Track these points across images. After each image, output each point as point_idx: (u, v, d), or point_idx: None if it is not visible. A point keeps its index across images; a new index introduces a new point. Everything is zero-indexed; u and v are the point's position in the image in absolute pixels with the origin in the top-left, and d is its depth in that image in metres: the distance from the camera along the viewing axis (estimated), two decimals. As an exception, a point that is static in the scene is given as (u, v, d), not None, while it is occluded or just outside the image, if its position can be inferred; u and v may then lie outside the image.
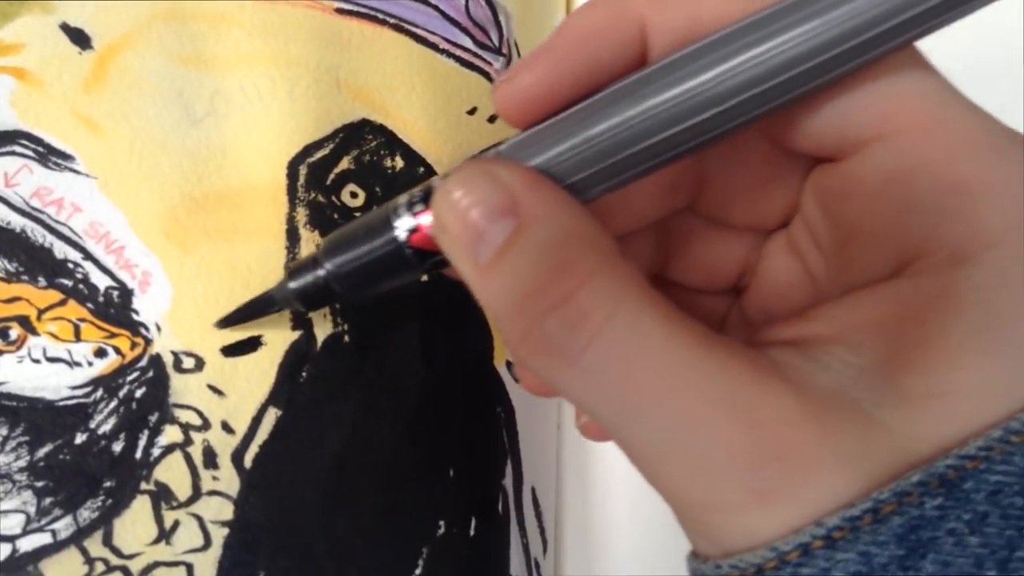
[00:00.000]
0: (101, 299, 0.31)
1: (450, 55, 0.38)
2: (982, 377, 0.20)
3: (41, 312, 0.30)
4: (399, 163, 0.36)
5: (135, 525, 0.30)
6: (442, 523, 0.34)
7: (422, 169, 0.36)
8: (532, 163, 0.23)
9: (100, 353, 0.31)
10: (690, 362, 0.20)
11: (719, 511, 0.21)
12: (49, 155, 0.31)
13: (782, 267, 0.27)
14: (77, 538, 0.29)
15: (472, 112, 0.38)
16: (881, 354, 0.20)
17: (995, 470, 0.19)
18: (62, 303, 0.30)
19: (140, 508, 0.30)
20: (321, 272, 0.27)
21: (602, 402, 0.21)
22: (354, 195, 0.35)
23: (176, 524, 0.30)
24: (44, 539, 0.29)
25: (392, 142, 0.36)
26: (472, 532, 0.35)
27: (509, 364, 0.37)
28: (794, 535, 0.19)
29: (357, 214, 0.35)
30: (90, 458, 0.30)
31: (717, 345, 0.20)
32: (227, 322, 0.32)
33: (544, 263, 0.21)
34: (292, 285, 0.28)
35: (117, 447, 0.30)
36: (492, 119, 0.38)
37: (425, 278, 0.35)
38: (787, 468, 0.20)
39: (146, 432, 0.31)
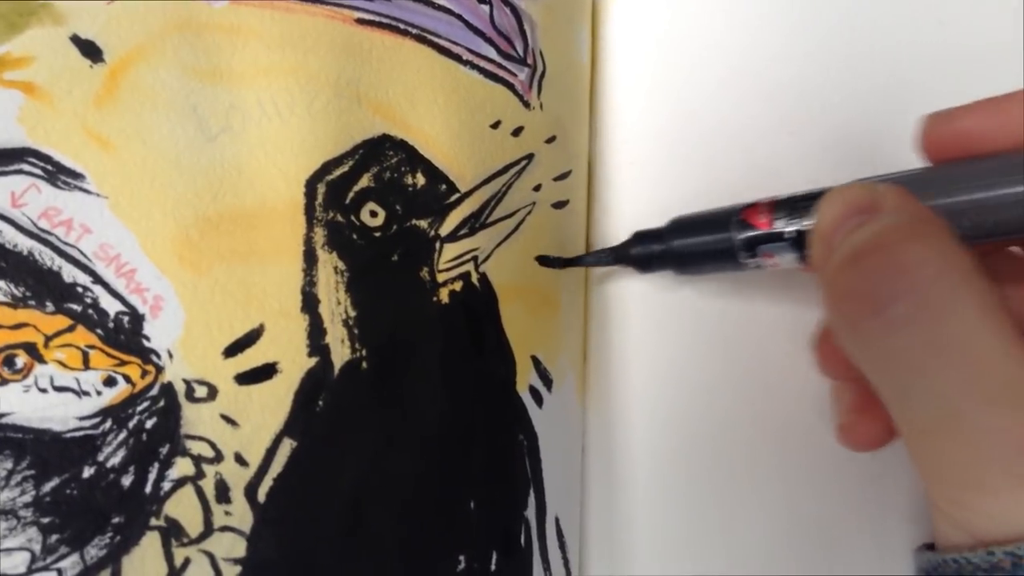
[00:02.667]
0: (111, 325, 0.29)
1: (474, 66, 0.36)
2: None
3: (49, 339, 0.29)
4: (420, 180, 0.34)
5: (144, 563, 0.29)
6: (462, 558, 0.33)
7: (444, 186, 0.35)
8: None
9: (109, 382, 0.29)
10: (995, 340, 0.22)
11: (979, 491, 0.22)
12: (58, 174, 0.30)
13: None
14: (84, 576, 0.28)
15: (496, 126, 0.36)
16: None
17: None
18: (70, 329, 0.29)
19: (149, 545, 0.29)
20: (661, 246, 0.34)
21: (897, 358, 0.23)
22: (374, 214, 0.33)
23: (187, 562, 0.29)
24: (50, 578, 0.28)
25: (413, 158, 0.34)
26: (493, 567, 0.34)
27: (533, 390, 0.36)
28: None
29: (377, 234, 0.33)
30: (98, 493, 0.29)
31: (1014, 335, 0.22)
32: (569, 263, 0.37)
33: (883, 231, 0.24)
34: (635, 251, 0.35)
35: (126, 481, 0.29)
36: (517, 132, 0.37)
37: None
38: None
39: (156, 465, 0.29)
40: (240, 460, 0.30)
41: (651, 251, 0.35)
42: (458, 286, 0.34)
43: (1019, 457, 0.21)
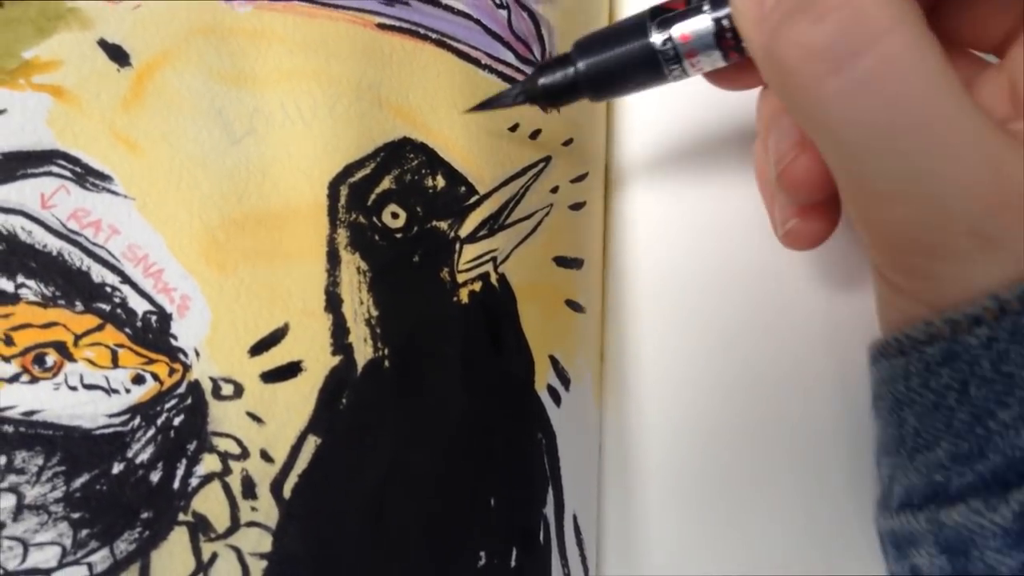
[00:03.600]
0: (139, 324, 0.30)
1: (492, 70, 0.37)
2: None
3: (78, 337, 0.29)
4: (440, 182, 0.35)
5: (172, 558, 0.29)
6: (483, 554, 0.33)
7: (463, 188, 0.35)
8: None
9: (138, 380, 0.30)
10: (956, 99, 0.20)
11: (942, 257, 0.21)
12: (87, 175, 0.30)
13: None
14: (114, 571, 0.29)
15: (514, 129, 0.37)
16: None
17: None
18: (100, 328, 0.30)
19: (178, 540, 0.29)
20: (571, 70, 0.31)
21: (858, 120, 0.21)
22: (395, 215, 0.34)
23: (214, 556, 0.30)
24: (80, 572, 0.28)
25: (433, 161, 0.35)
26: (513, 563, 0.34)
27: (551, 389, 0.36)
28: (1019, 283, 0.19)
29: (398, 235, 0.34)
30: (127, 488, 0.29)
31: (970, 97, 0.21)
32: (473, 109, 0.34)
33: None
34: (542, 80, 0.31)
35: (155, 477, 0.29)
36: (534, 135, 0.37)
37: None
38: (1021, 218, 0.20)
39: (184, 461, 0.30)
40: (266, 456, 0.31)
41: (561, 78, 0.31)
42: (477, 286, 0.35)
43: (985, 217, 0.20)
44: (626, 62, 0.30)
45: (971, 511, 0.21)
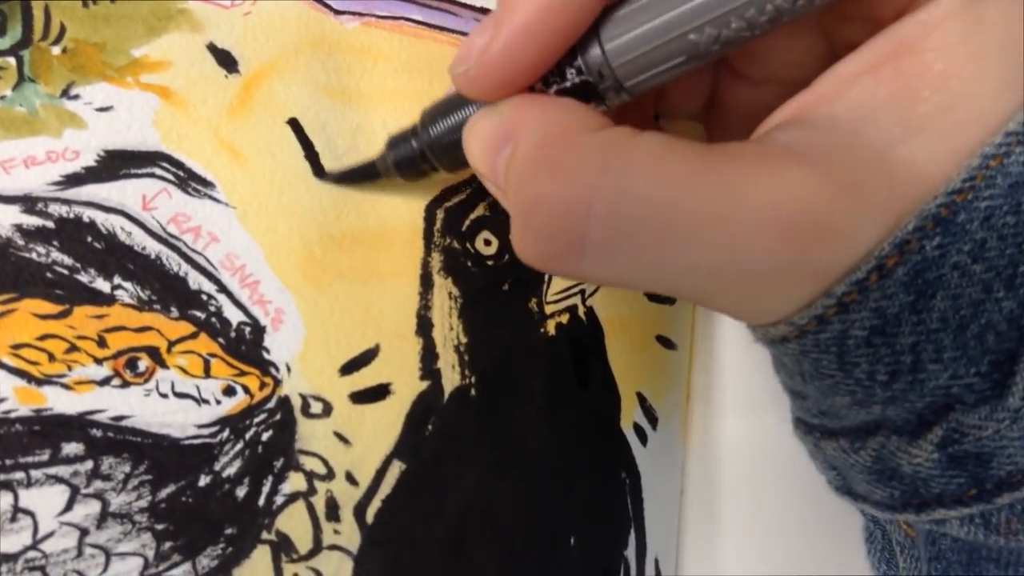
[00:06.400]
0: (233, 335, 0.29)
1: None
2: (981, 82, 0.20)
3: (171, 344, 0.29)
4: (533, 211, 0.34)
5: (254, 576, 0.28)
6: (561, 593, 0.33)
7: (555, 219, 0.34)
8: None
9: (229, 391, 0.29)
10: (700, 185, 0.20)
11: (756, 310, 0.22)
12: (189, 180, 0.30)
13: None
14: (194, 586, 0.28)
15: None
16: (889, 91, 0.21)
17: (982, 196, 0.19)
18: (193, 336, 0.29)
19: (260, 559, 0.29)
20: (416, 143, 0.29)
21: (630, 275, 0.21)
22: (488, 243, 0.33)
23: (295, 578, 0.29)
24: (162, 586, 0.27)
25: (527, 189, 0.34)
26: (590, 604, 0.33)
27: (636, 426, 0.35)
28: (807, 309, 0.21)
29: (490, 262, 0.33)
30: (213, 502, 0.28)
31: (719, 154, 0.20)
32: (338, 179, 0.31)
33: (530, 168, 0.21)
34: (391, 156, 0.30)
35: (241, 492, 0.29)
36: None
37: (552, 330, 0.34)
38: (812, 245, 0.20)
39: (271, 478, 0.29)
40: (351, 479, 0.30)
41: (408, 151, 0.29)
42: (565, 319, 0.34)
43: (786, 266, 0.20)
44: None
45: (840, 448, 0.23)
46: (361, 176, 0.31)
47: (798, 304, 0.21)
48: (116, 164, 0.29)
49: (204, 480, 0.28)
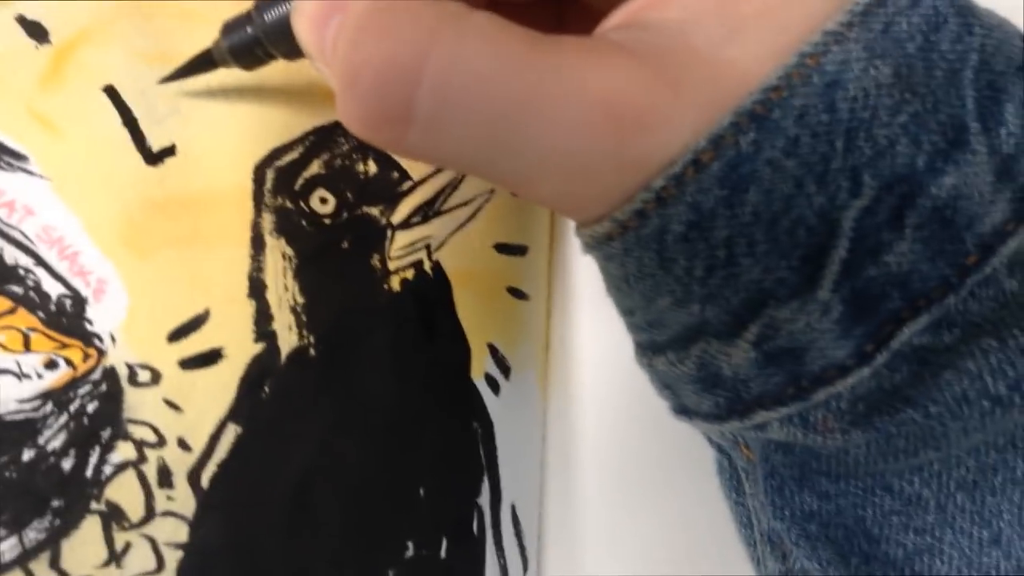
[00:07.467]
0: (53, 308, 0.29)
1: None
2: None
3: (-11, 321, 0.29)
4: (372, 167, 0.34)
5: (84, 547, 0.29)
6: (410, 544, 0.33)
7: (396, 173, 0.34)
8: None
9: (51, 365, 0.29)
10: (530, 66, 0.20)
11: (577, 202, 0.22)
12: (1, 155, 0.29)
13: None
14: (23, 560, 0.28)
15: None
16: None
17: (797, 93, 0.20)
18: (11, 311, 0.29)
19: (90, 529, 0.29)
20: (251, 29, 0.27)
21: (457, 151, 0.21)
22: (324, 201, 0.33)
23: (128, 546, 0.29)
24: (-14, 561, 0.28)
25: (365, 145, 0.34)
26: (443, 554, 0.33)
27: (488, 376, 0.35)
28: (628, 203, 0.21)
29: (327, 221, 0.33)
30: (38, 476, 0.28)
31: (552, 42, 0.20)
32: (170, 78, 0.31)
33: (359, 33, 0.20)
34: (226, 43, 0.28)
35: (67, 464, 0.29)
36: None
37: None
38: (633, 135, 0.20)
39: (98, 449, 0.29)
40: (183, 445, 0.30)
41: (244, 37, 0.28)
42: (410, 274, 0.34)
43: (613, 152, 0.20)
44: None
45: (668, 362, 0.23)
46: (197, 67, 0.30)
47: (618, 197, 0.21)
48: (-79, 143, 0.29)
49: (28, 454, 0.29)
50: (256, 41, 0.28)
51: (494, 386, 0.36)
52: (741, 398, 0.23)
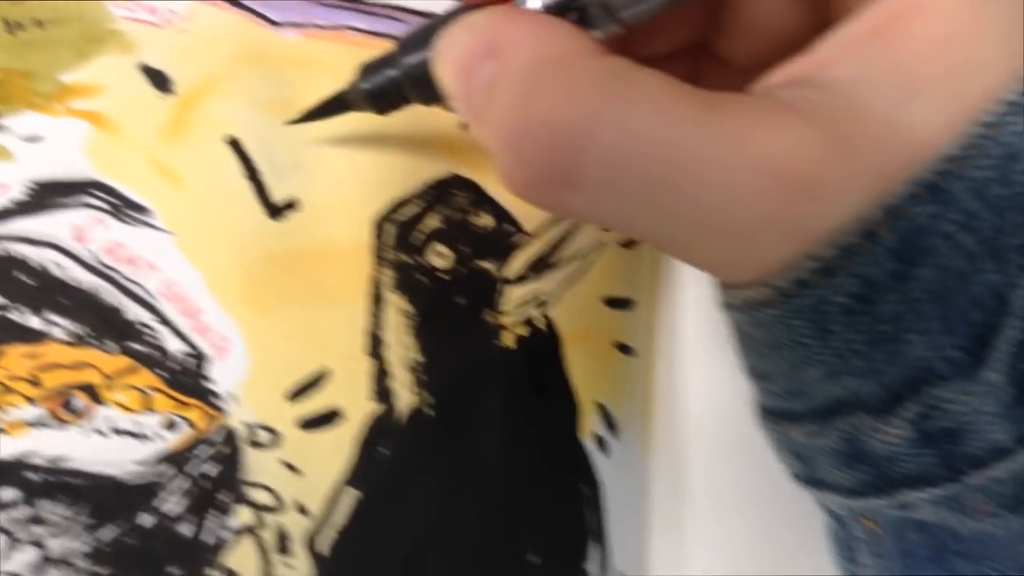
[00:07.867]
0: (174, 366, 0.28)
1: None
2: (984, 48, 0.19)
3: (109, 380, 0.28)
4: (488, 220, 0.33)
5: (202, 616, 0.28)
6: (522, 613, 0.32)
7: (510, 227, 0.34)
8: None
9: (171, 425, 0.28)
10: (698, 129, 0.19)
11: (732, 264, 0.21)
12: (124, 208, 0.29)
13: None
14: (140, 628, 0.27)
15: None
16: (890, 54, 0.20)
17: (976, 165, 0.19)
18: (132, 370, 0.28)
19: (208, 597, 0.28)
20: (394, 72, 0.26)
21: (619, 215, 0.20)
22: (441, 255, 0.32)
23: (246, 615, 0.28)
24: (105, 631, 0.27)
25: (481, 198, 0.33)
26: (553, 622, 0.32)
27: (598, 437, 0.34)
28: (789, 271, 0.20)
29: (444, 276, 0.32)
30: (156, 542, 0.28)
31: (720, 100, 0.20)
32: (300, 120, 0.30)
33: (525, 88, 0.20)
34: (364, 85, 0.27)
35: (185, 529, 0.28)
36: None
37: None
38: (801, 200, 0.19)
39: (216, 513, 0.28)
40: (301, 510, 0.29)
41: (385, 79, 0.26)
42: (523, 330, 0.33)
43: (777, 228, 0.20)
44: None
45: (806, 432, 0.23)
46: (329, 110, 0.29)
47: (775, 262, 0.20)
48: (46, 195, 0.28)
49: (147, 520, 0.28)
50: (395, 84, 0.26)
51: (603, 446, 0.35)
52: (887, 476, 0.22)
